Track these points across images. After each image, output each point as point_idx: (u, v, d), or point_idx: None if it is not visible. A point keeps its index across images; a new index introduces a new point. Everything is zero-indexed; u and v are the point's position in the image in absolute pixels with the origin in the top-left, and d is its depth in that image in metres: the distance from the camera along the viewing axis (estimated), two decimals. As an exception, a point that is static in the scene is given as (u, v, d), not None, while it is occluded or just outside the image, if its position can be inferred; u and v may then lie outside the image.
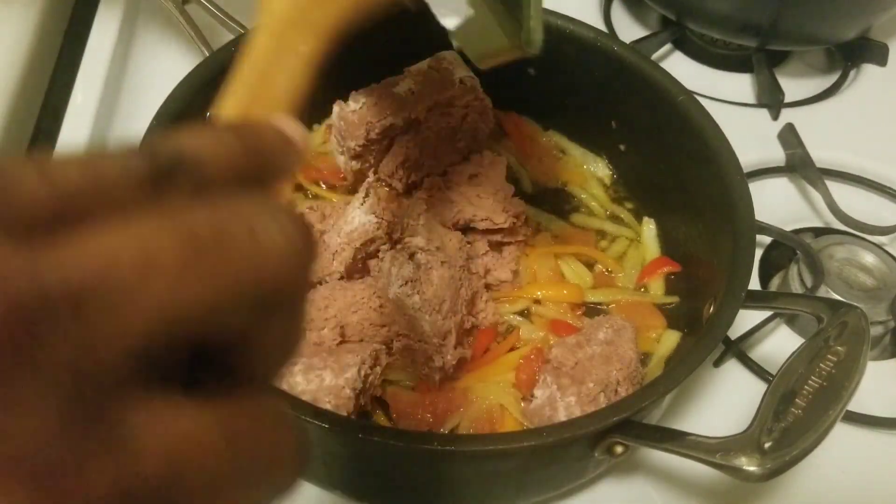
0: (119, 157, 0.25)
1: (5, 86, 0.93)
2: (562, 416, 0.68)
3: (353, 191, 0.85)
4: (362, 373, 0.67)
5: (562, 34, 0.87)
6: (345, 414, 0.65)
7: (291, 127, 0.32)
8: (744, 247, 0.70)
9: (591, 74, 0.88)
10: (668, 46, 1.16)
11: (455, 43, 0.54)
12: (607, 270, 0.85)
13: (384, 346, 0.72)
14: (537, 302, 0.81)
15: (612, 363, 0.70)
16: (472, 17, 0.52)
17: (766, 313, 0.86)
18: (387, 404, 0.72)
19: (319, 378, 0.65)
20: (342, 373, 0.66)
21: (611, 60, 0.86)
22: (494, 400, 0.73)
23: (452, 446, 0.57)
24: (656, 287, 0.84)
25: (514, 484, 0.65)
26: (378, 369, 0.70)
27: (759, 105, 1.10)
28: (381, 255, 0.76)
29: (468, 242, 0.80)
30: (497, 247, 0.82)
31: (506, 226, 0.81)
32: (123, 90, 1.01)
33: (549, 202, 0.91)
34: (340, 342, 0.73)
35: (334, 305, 0.74)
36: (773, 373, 0.61)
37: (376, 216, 0.76)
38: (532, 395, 0.71)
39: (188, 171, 0.25)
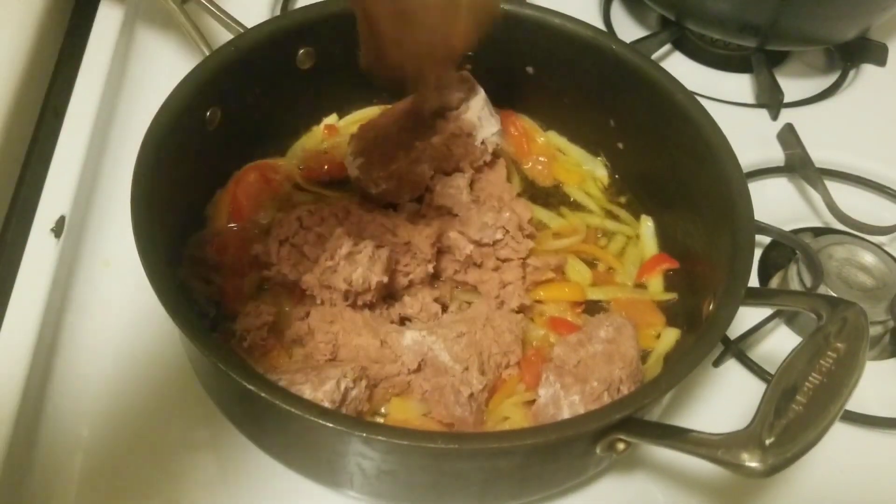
0: None
1: (5, 86, 0.93)
2: (566, 415, 0.68)
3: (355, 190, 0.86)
4: (342, 385, 0.67)
5: (560, 33, 0.87)
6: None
7: None
8: (743, 244, 0.70)
9: (589, 73, 0.88)
10: (667, 47, 1.16)
11: None
12: (608, 268, 0.85)
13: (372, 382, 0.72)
14: (538, 301, 0.81)
15: (614, 362, 0.70)
16: None
17: (766, 313, 0.86)
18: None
19: (299, 393, 0.65)
20: (321, 385, 0.66)
21: (609, 59, 0.86)
22: (512, 420, 0.73)
23: (456, 444, 0.57)
24: (655, 284, 0.84)
25: (516, 481, 0.66)
26: (363, 384, 0.69)
27: (759, 105, 1.10)
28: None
29: (477, 265, 0.80)
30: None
31: (518, 246, 0.80)
32: (123, 90, 1.01)
33: (546, 201, 0.91)
34: (329, 360, 0.73)
35: (339, 322, 0.74)
36: (773, 372, 0.60)
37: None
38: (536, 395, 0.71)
39: None
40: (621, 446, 0.61)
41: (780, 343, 0.86)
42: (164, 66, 1.03)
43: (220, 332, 0.75)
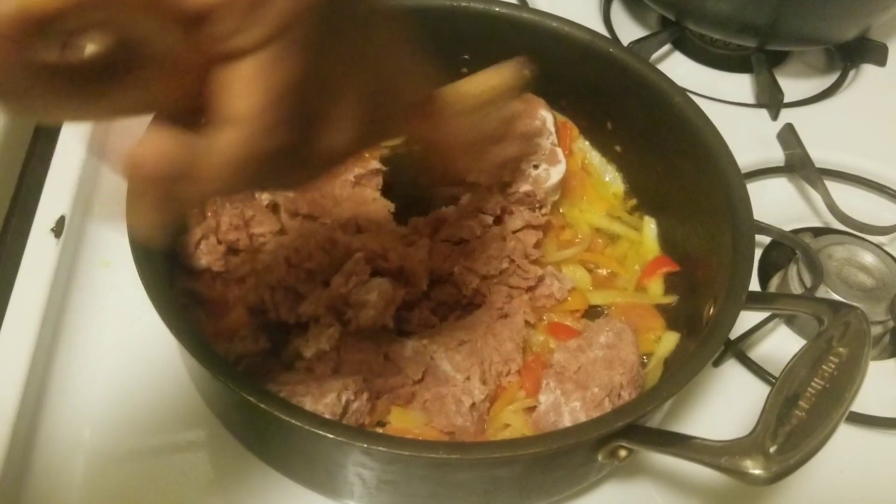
0: None
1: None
2: (567, 422, 0.68)
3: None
4: (343, 398, 0.66)
5: (557, 36, 0.87)
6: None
7: None
8: (744, 248, 0.70)
9: (586, 76, 0.88)
10: (667, 47, 1.16)
11: None
12: (609, 273, 0.85)
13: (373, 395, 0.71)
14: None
15: (614, 367, 0.70)
16: None
17: (766, 313, 0.86)
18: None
19: (300, 405, 0.64)
20: (322, 398, 0.65)
21: (606, 62, 0.86)
22: (513, 428, 0.72)
23: (458, 454, 0.57)
24: (655, 287, 0.84)
25: (517, 490, 0.65)
26: (364, 396, 0.68)
27: (759, 105, 1.10)
28: None
29: (484, 294, 0.79)
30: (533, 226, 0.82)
31: (525, 273, 0.79)
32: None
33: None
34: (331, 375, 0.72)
35: (339, 338, 0.73)
36: (773, 372, 0.61)
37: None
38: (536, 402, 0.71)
39: None
40: (623, 453, 0.61)
41: (780, 343, 0.86)
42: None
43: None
